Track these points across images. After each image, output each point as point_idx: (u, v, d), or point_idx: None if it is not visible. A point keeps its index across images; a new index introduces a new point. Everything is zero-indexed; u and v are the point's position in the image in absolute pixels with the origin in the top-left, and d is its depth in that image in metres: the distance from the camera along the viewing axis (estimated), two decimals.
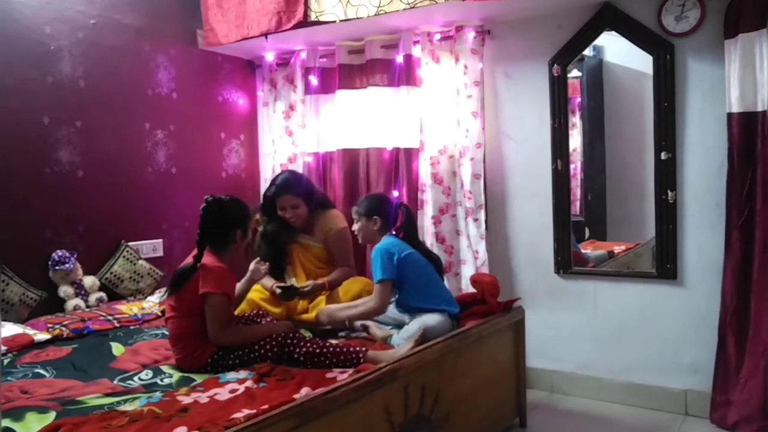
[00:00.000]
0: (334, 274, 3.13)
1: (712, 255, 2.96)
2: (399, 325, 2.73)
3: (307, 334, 2.71)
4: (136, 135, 3.60)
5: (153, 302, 3.31)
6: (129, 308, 3.18)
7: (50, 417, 1.89)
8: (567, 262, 3.36)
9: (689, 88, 2.99)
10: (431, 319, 2.58)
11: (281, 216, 3.17)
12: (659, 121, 3.05)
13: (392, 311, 2.83)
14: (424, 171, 3.59)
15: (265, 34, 3.56)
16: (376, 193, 3.34)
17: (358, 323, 2.83)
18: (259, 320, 2.72)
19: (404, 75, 3.59)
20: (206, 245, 2.48)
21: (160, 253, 3.70)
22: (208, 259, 2.45)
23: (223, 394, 2.04)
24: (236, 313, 2.82)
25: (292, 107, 4.04)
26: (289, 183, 3.18)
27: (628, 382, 3.23)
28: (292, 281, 3.12)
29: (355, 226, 2.93)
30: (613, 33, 3.18)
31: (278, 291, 2.93)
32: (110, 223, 3.44)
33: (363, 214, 2.88)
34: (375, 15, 3.28)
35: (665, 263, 3.09)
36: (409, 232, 2.91)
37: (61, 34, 3.25)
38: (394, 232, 2.87)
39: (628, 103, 3.62)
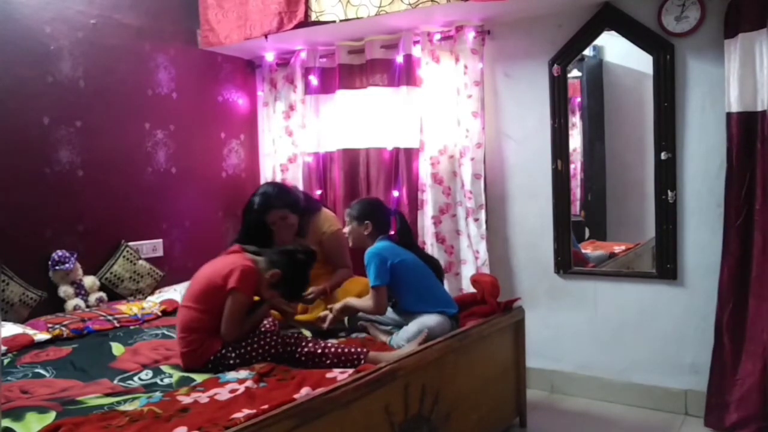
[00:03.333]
0: (333, 278, 3.13)
1: (712, 255, 2.96)
2: (399, 326, 2.73)
3: (308, 334, 2.72)
4: (136, 135, 3.60)
5: (153, 302, 3.31)
6: (129, 308, 3.17)
7: (50, 417, 1.89)
8: (567, 262, 3.36)
9: (689, 88, 2.99)
10: (430, 320, 2.58)
11: (275, 231, 3.14)
12: (659, 121, 3.05)
13: (391, 313, 2.83)
14: (424, 171, 3.59)
15: (266, 34, 3.56)
16: (370, 197, 3.29)
17: (357, 323, 2.83)
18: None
19: (404, 75, 3.60)
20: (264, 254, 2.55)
21: (160, 253, 3.70)
22: (240, 258, 2.49)
23: (223, 394, 2.04)
24: None
25: (292, 107, 4.04)
26: (270, 197, 3.11)
27: (628, 382, 3.23)
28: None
29: (346, 229, 2.92)
30: (613, 33, 3.18)
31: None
32: (110, 223, 3.44)
33: (355, 218, 2.86)
34: (375, 15, 3.28)
35: (665, 263, 3.09)
36: (404, 238, 2.88)
37: (61, 34, 3.25)
38: (388, 237, 2.84)
39: (628, 103, 3.62)
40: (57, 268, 3.14)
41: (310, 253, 2.61)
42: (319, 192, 3.92)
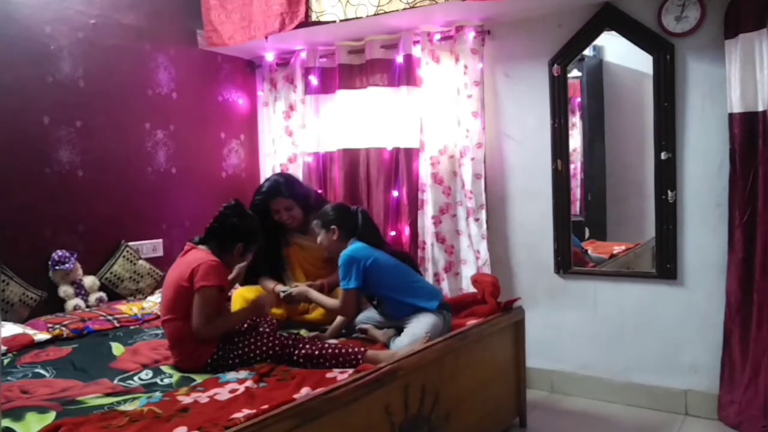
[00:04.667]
0: (333, 275, 3.12)
1: (712, 255, 2.96)
2: (394, 326, 2.72)
3: (307, 335, 2.72)
4: (136, 135, 3.60)
5: (153, 302, 3.31)
6: (129, 308, 3.18)
7: (50, 417, 1.89)
8: (567, 262, 3.36)
9: (689, 88, 2.99)
10: (423, 327, 2.54)
11: (277, 220, 3.16)
12: (659, 121, 3.05)
13: (377, 314, 2.82)
14: (424, 171, 3.59)
15: (267, 35, 3.56)
16: (333, 203, 3.22)
17: (356, 326, 2.82)
18: (258, 320, 2.72)
19: (404, 75, 3.60)
20: (208, 241, 2.53)
21: (160, 253, 3.70)
22: (200, 254, 2.47)
23: (223, 394, 2.04)
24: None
25: (292, 107, 4.05)
26: (279, 185, 3.16)
27: (628, 382, 3.23)
28: (294, 284, 3.12)
29: (318, 240, 2.88)
30: (613, 33, 3.18)
31: (282, 295, 2.93)
32: (110, 223, 3.44)
33: (320, 227, 2.84)
34: (374, 15, 3.28)
35: (665, 263, 3.09)
36: (368, 235, 2.82)
37: (61, 34, 3.25)
38: (359, 237, 2.79)
39: (628, 103, 3.62)
40: (57, 268, 3.14)
41: (233, 205, 2.58)
42: (319, 192, 3.91)
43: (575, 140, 3.61)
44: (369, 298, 2.83)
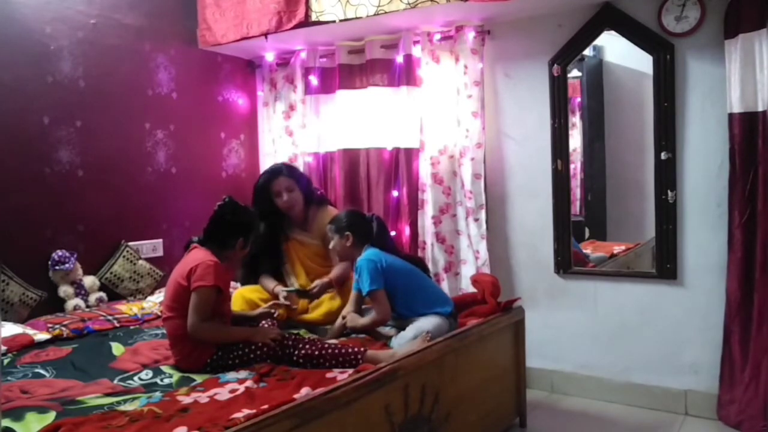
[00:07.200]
0: (335, 270, 3.08)
1: (712, 255, 2.96)
2: (398, 326, 2.72)
3: (307, 335, 2.71)
4: (136, 135, 3.60)
5: (153, 302, 3.31)
6: (129, 308, 3.18)
7: (50, 417, 1.89)
8: (567, 262, 3.36)
9: (689, 88, 2.99)
10: (427, 324, 2.56)
11: (277, 203, 3.12)
12: (659, 121, 3.05)
13: None
14: (424, 171, 3.60)
15: (265, 34, 3.56)
16: (348, 209, 3.28)
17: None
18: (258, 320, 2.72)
19: (404, 75, 3.60)
20: (208, 241, 2.53)
21: (160, 253, 3.70)
22: (201, 253, 2.47)
23: (223, 394, 2.04)
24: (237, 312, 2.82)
25: (292, 107, 4.05)
26: (280, 166, 3.22)
27: (628, 382, 3.23)
28: (293, 281, 3.11)
29: (331, 245, 2.90)
30: (613, 33, 3.18)
31: (284, 295, 2.92)
32: (110, 223, 3.44)
33: (335, 232, 2.85)
34: (375, 15, 3.28)
35: (665, 263, 3.09)
36: (382, 242, 2.85)
37: (61, 34, 3.25)
38: (373, 244, 2.81)
39: (628, 103, 3.62)
40: (57, 268, 3.14)
41: (226, 203, 2.59)
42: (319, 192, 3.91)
43: (575, 140, 3.61)
44: None
